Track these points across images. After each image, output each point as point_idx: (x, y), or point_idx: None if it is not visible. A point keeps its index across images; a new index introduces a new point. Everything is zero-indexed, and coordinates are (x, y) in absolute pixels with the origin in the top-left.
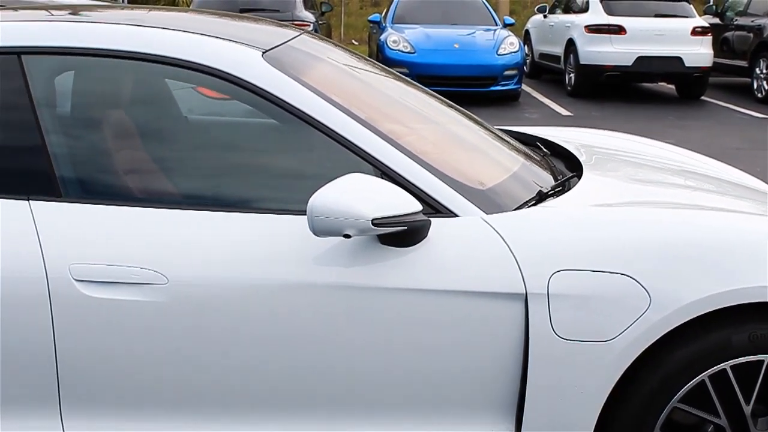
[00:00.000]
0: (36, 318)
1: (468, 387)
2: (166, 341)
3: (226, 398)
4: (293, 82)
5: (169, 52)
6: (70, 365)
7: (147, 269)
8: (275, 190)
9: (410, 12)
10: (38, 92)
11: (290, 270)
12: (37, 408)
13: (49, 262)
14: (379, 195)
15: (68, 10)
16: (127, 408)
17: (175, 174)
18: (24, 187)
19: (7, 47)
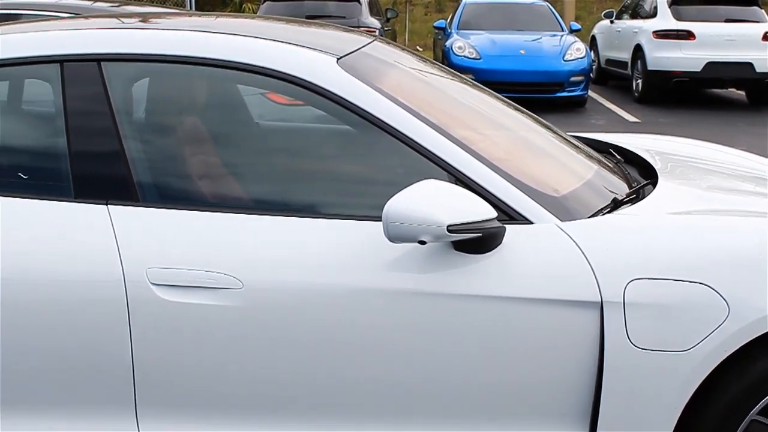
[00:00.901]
0: (114, 321)
1: (541, 395)
2: (240, 346)
3: (298, 402)
4: (368, 89)
5: (246, 58)
6: (146, 368)
7: (223, 274)
8: (348, 195)
9: (476, 18)
10: (117, 98)
11: (364, 276)
12: (113, 411)
13: (127, 266)
14: (454, 201)
15: (139, 18)
16: (200, 412)
17: (248, 179)
18: (103, 192)
19: (87, 54)
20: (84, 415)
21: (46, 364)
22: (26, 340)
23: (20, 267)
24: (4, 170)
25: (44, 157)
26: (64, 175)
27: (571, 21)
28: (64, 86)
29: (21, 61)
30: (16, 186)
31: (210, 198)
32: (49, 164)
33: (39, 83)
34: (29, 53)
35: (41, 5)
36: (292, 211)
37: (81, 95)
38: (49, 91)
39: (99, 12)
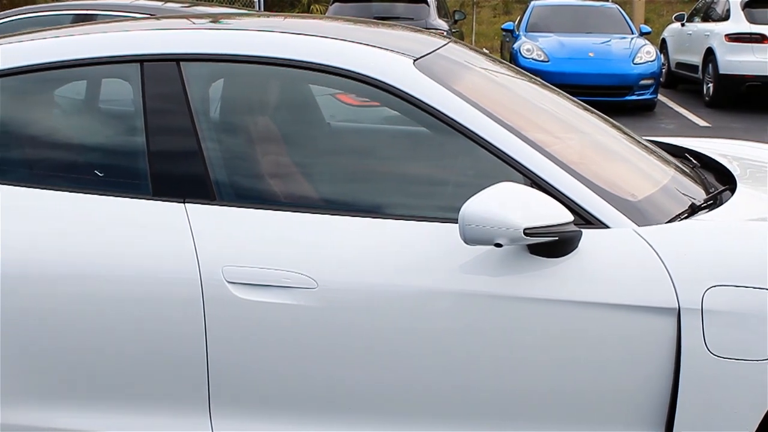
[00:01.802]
0: (189, 318)
1: (615, 402)
2: (313, 345)
3: (371, 403)
4: (444, 90)
5: (324, 59)
6: (220, 366)
7: (298, 273)
8: (421, 197)
9: (544, 20)
10: (195, 98)
11: (438, 278)
12: (187, 408)
13: (204, 263)
14: (530, 204)
15: (214, 19)
16: (273, 410)
17: (322, 179)
18: (180, 190)
19: (167, 54)
20: (159, 412)
21: (122, 360)
22: (103, 336)
23: (98, 263)
24: (84, 168)
25: (123, 155)
26: (143, 174)
27: (640, 24)
28: (144, 85)
29: (102, 61)
30: (95, 183)
31: (284, 197)
32: (128, 162)
33: (118, 82)
34: (110, 53)
35: (117, 6)
36: (366, 212)
37: (160, 94)
38: (128, 90)
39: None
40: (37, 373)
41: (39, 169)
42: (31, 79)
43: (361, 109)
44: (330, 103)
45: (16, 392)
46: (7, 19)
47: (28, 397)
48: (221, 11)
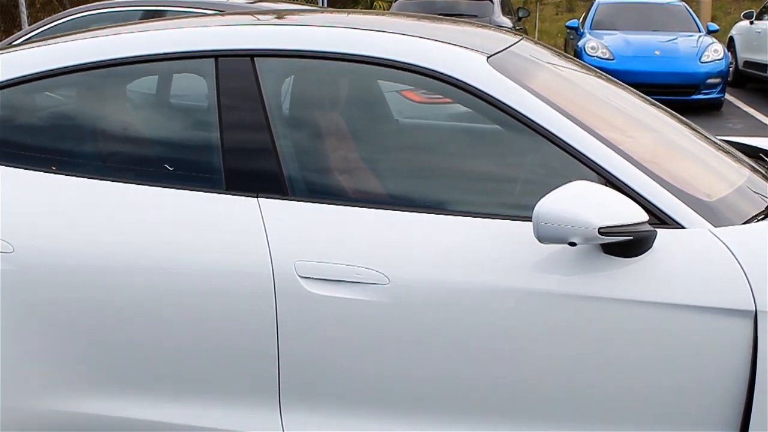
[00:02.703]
0: (261, 312)
1: (689, 403)
2: (384, 341)
3: (442, 401)
4: (519, 88)
5: (398, 56)
6: (290, 360)
7: (369, 269)
8: (492, 194)
9: (609, 17)
10: (269, 93)
11: (509, 275)
12: (257, 401)
13: (276, 258)
14: (605, 203)
15: (283, 15)
16: (343, 405)
17: (392, 176)
18: (254, 185)
19: (241, 50)
20: (230, 406)
21: (193, 353)
22: (175, 329)
23: (171, 257)
24: (157, 162)
25: (196, 149)
26: (216, 168)
27: (707, 21)
28: (218, 81)
29: (178, 56)
30: (169, 177)
31: (355, 193)
32: (201, 157)
33: (191, 77)
34: (186, 48)
35: (185, 2)
36: (436, 209)
37: (234, 90)
38: (203, 85)
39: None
40: (111, 363)
41: (112, 163)
42: (106, 74)
43: (425, 106)
44: (395, 99)
45: (91, 381)
46: (77, 16)
47: (102, 387)
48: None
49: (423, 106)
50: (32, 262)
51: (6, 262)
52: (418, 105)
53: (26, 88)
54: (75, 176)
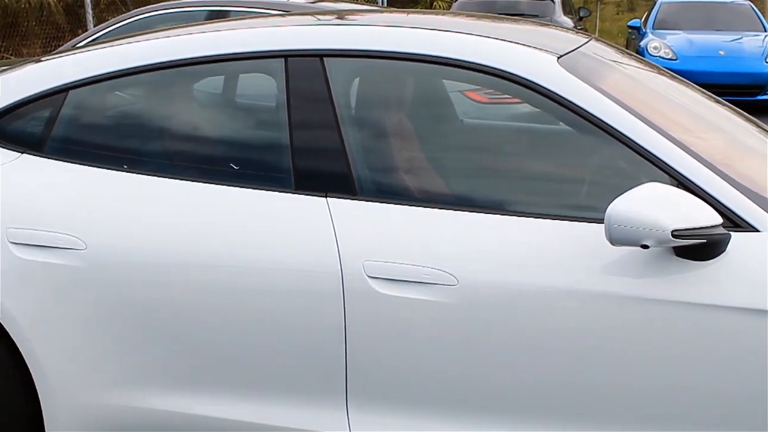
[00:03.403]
0: (329, 311)
1: (759, 408)
2: (452, 342)
3: (508, 401)
4: (589, 88)
5: (469, 57)
6: (358, 360)
7: (438, 270)
8: (560, 195)
9: (672, 17)
10: (338, 93)
11: (579, 278)
12: (324, 400)
13: (345, 258)
14: (679, 206)
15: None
16: (410, 405)
17: (459, 176)
18: (323, 185)
19: (311, 50)
20: (297, 404)
21: (261, 351)
22: (243, 327)
23: (240, 255)
24: (226, 161)
25: (265, 149)
26: (285, 167)
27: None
28: (288, 80)
29: (247, 56)
30: (238, 176)
31: (423, 193)
32: (271, 156)
33: (258, 77)
34: (256, 48)
35: (249, 2)
36: (504, 210)
37: (304, 89)
38: (272, 85)
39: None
40: (182, 360)
41: (182, 161)
42: (176, 74)
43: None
44: (458, 100)
45: (163, 378)
46: (142, 16)
47: (173, 384)
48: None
49: (486, 107)
50: (104, 259)
51: (79, 259)
52: (481, 105)
53: (97, 88)
54: (145, 174)
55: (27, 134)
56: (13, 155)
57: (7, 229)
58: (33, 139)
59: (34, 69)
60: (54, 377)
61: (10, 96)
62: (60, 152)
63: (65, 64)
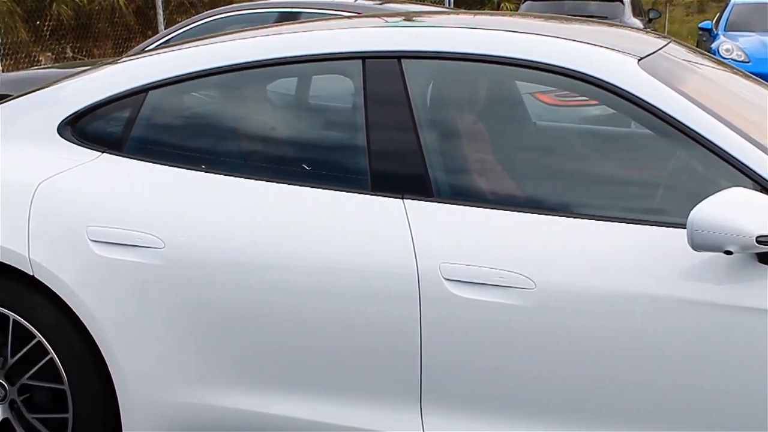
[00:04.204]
0: (405, 313)
1: None
2: (528, 346)
3: (584, 406)
4: (671, 91)
5: (548, 59)
6: (433, 362)
7: (515, 273)
8: (639, 199)
9: (745, 18)
10: (415, 95)
11: (659, 283)
12: (398, 402)
13: (421, 260)
14: (764, 211)
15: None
16: (484, 409)
17: (536, 179)
18: (399, 186)
19: (389, 51)
20: (370, 405)
21: (336, 352)
22: (319, 327)
23: (316, 256)
24: (303, 162)
25: (342, 149)
26: (362, 169)
27: None
28: (366, 82)
29: (325, 57)
30: (315, 177)
31: (499, 196)
32: (347, 157)
33: (332, 78)
34: (333, 50)
35: (319, 4)
36: (580, 213)
37: (381, 91)
38: (348, 86)
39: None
40: (257, 359)
41: (257, 161)
42: (252, 76)
43: (559, 109)
44: (528, 101)
45: (237, 377)
46: (212, 18)
47: (248, 383)
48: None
49: (556, 109)
50: (181, 257)
51: (157, 257)
52: (551, 107)
53: (176, 89)
54: (223, 174)
55: (107, 134)
56: (94, 154)
57: (88, 227)
58: (113, 138)
59: (114, 70)
60: (131, 375)
61: (90, 96)
62: (139, 152)
63: (145, 66)
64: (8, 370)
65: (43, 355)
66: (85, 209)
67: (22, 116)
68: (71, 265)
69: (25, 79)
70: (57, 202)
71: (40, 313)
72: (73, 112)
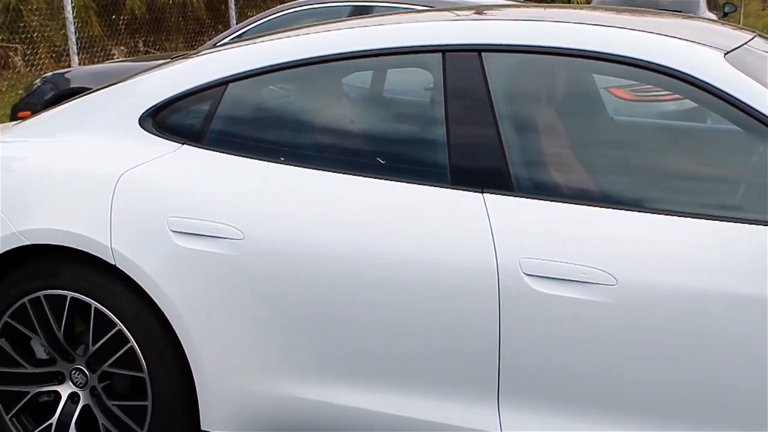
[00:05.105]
0: (484, 308)
1: None
2: (608, 343)
3: (665, 404)
4: (758, 86)
5: (630, 52)
6: (512, 357)
7: (596, 269)
8: (724, 196)
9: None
10: (496, 89)
11: (744, 282)
12: (475, 398)
13: (501, 254)
14: None
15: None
16: (563, 406)
17: (616, 175)
18: (479, 180)
19: (469, 45)
20: (447, 399)
21: (413, 345)
22: (396, 321)
23: (394, 249)
24: (381, 155)
25: (421, 143)
26: (441, 162)
27: None
28: (446, 75)
29: (405, 51)
30: (394, 170)
31: (579, 191)
32: (426, 150)
33: (408, 71)
34: (414, 43)
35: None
36: (662, 210)
37: (461, 84)
38: (427, 79)
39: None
40: (334, 351)
41: (335, 154)
42: (330, 69)
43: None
44: (603, 96)
45: (315, 368)
46: (284, 12)
47: (326, 375)
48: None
49: (631, 104)
50: (261, 249)
51: (236, 248)
52: (627, 102)
53: (256, 82)
54: (302, 167)
55: (187, 126)
56: (174, 146)
57: (169, 217)
58: (193, 130)
59: (194, 63)
60: (209, 364)
61: (171, 89)
62: (219, 144)
63: (225, 58)
64: (89, 358)
65: (123, 343)
66: (167, 200)
67: (104, 108)
68: (152, 256)
69: (101, 72)
70: (139, 193)
71: (121, 302)
72: (155, 104)
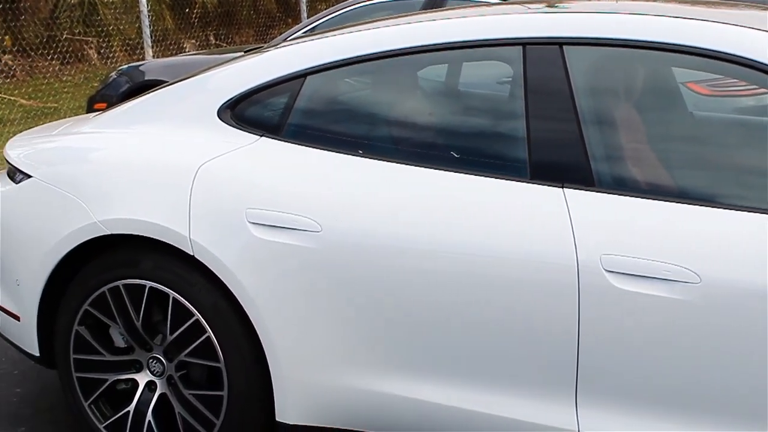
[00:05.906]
0: (563, 304)
1: None
2: (690, 342)
3: (744, 406)
4: None
5: (716, 45)
6: (590, 354)
7: (680, 266)
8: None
9: None
10: (577, 82)
11: None
12: (552, 395)
13: (581, 250)
14: None
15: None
16: (642, 405)
17: (697, 171)
18: (559, 175)
19: (550, 38)
20: (524, 396)
21: (490, 340)
22: (473, 315)
23: (472, 242)
24: (460, 149)
25: (500, 137)
26: (521, 156)
27: None
28: (526, 69)
29: (484, 43)
30: (472, 164)
31: (662, 187)
32: (505, 144)
33: (484, 65)
34: (493, 36)
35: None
36: (745, 207)
37: (542, 78)
38: (502, 72)
39: None
40: (409, 344)
41: (412, 147)
42: (408, 62)
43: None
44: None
45: (389, 361)
46: (359, 5)
47: (399, 368)
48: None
49: (709, 99)
50: (338, 241)
51: (314, 240)
52: (704, 97)
53: (334, 74)
54: (380, 160)
55: (265, 118)
56: (252, 138)
57: (247, 209)
58: (271, 122)
59: (272, 56)
60: (285, 356)
61: (249, 81)
62: (297, 136)
63: (303, 51)
64: (167, 347)
65: (200, 333)
66: (245, 192)
67: (182, 101)
68: (230, 247)
69: (175, 65)
70: (217, 185)
71: (198, 293)
72: (233, 96)
